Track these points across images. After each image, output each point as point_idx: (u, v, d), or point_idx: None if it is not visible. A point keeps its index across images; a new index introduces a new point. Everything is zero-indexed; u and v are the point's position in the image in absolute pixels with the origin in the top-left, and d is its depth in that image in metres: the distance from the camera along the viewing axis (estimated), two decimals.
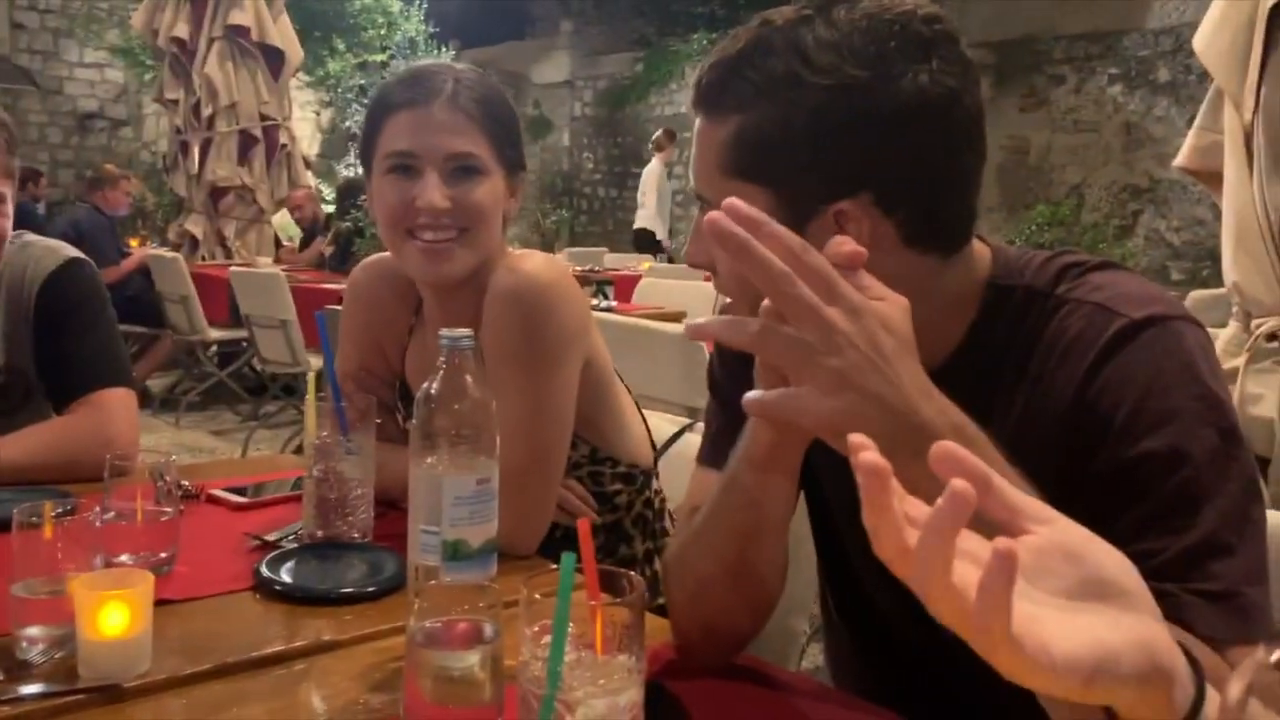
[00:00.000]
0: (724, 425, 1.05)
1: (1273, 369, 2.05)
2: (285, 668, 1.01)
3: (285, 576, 1.19)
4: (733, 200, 0.72)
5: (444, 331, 1.01)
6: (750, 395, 0.78)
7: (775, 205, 0.87)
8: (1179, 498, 0.81)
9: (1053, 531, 0.56)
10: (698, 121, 0.94)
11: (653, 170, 10.25)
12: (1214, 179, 2.25)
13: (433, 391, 1.00)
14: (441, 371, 1.00)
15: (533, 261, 1.41)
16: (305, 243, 7.35)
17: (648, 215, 10.27)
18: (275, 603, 1.15)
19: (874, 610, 1.10)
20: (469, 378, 1.00)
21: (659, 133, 10.51)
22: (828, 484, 1.09)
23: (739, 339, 0.75)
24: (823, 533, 1.16)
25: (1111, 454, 0.84)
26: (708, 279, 1.00)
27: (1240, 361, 2.07)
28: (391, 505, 1.39)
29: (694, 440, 1.73)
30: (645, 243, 10.01)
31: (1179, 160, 2.45)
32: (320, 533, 1.30)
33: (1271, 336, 2.05)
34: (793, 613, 1.42)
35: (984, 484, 0.55)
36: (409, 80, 1.43)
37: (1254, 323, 2.08)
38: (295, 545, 1.29)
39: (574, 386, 1.40)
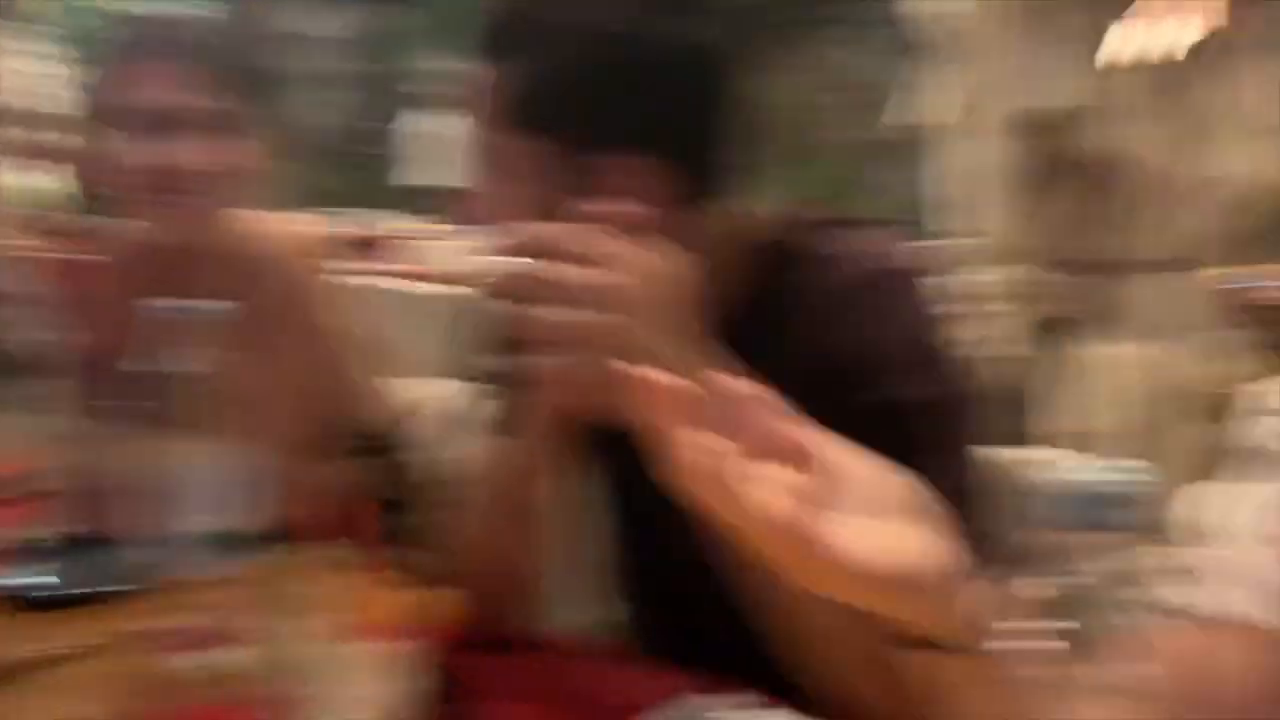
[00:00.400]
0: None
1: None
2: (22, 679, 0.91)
3: (21, 579, 1.07)
4: None
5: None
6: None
7: (557, 158, 0.85)
8: (899, 449, 0.85)
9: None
10: (480, 70, 0.91)
11: None
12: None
13: (156, 367, 0.93)
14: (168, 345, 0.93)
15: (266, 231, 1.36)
16: None
17: None
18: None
19: (666, 588, 1.11)
20: (197, 351, 0.94)
21: None
22: (604, 449, 1.08)
23: None
24: (603, 500, 1.16)
25: (839, 405, 0.87)
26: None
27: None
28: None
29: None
30: None
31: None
32: (57, 529, 1.18)
33: None
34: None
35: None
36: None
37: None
38: (33, 544, 1.17)
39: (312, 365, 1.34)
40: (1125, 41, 3.30)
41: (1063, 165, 3.34)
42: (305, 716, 0.63)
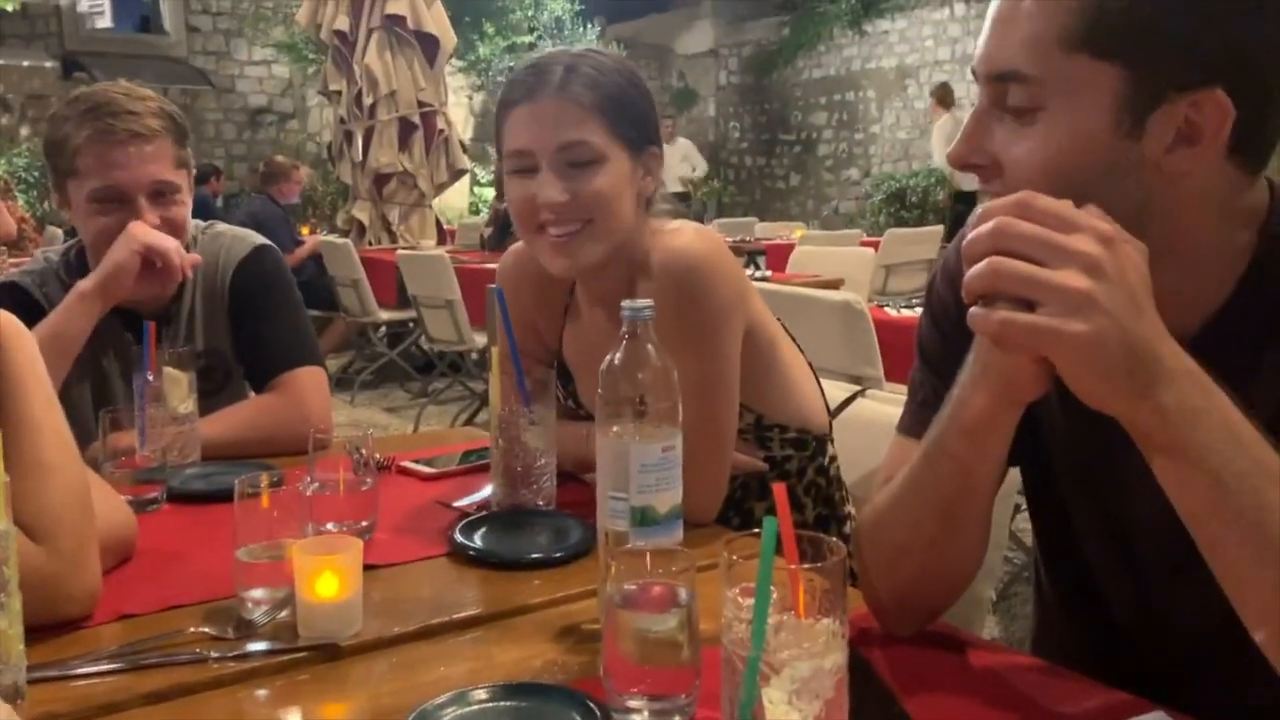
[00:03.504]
0: (931, 393, 1.02)
1: None
2: (483, 629, 1.06)
3: (478, 542, 1.24)
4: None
5: (625, 302, 1.03)
6: (986, 313, 0.76)
7: (1123, 87, 0.81)
8: None
9: None
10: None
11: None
12: None
13: (616, 362, 1.02)
14: (624, 342, 1.02)
15: (684, 236, 1.39)
16: None
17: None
18: (469, 568, 1.20)
19: (1091, 583, 1.06)
20: (650, 347, 1.02)
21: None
22: (1055, 447, 1.05)
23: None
24: (1042, 504, 1.12)
25: None
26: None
27: None
28: (569, 475, 1.43)
29: (865, 406, 1.71)
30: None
31: None
32: (508, 501, 1.34)
33: None
34: (981, 580, 1.38)
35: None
36: (522, 74, 1.41)
37: None
38: (484, 513, 1.34)
39: (737, 356, 1.39)
40: None
41: None
42: (760, 683, 0.67)
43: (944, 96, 10.40)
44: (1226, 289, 0.89)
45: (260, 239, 1.94)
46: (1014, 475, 1.16)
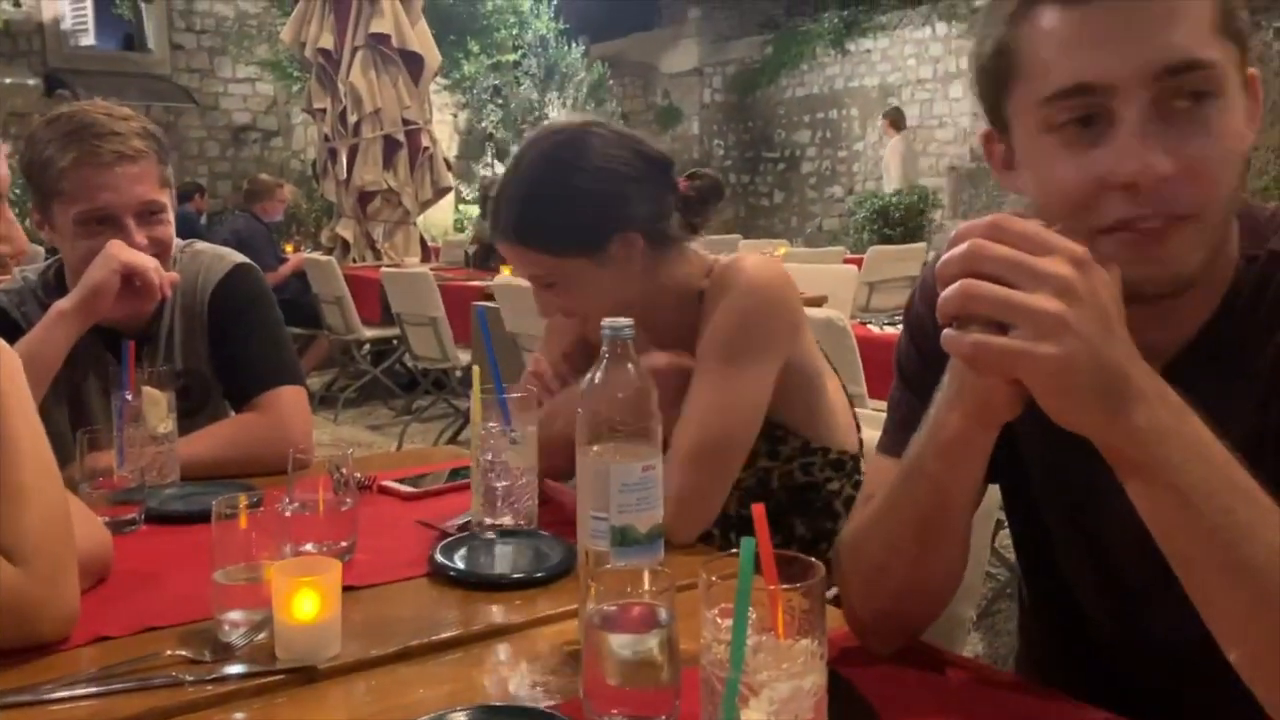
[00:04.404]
0: (909, 413, 1.02)
1: None
2: (463, 651, 1.05)
3: (458, 563, 1.23)
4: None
5: (606, 321, 1.03)
6: (960, 336, 0.76)
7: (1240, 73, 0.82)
8: None
9: None
10: None
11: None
12: None
13: (596, 381, 1.01)
14: (605, 361, 1.01)
15: (751, 262, 1.44)
16: None
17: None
18: (449, 588, 1.19)
19: (1072, 601, 1.06)
20: (631, 366, 1.01)
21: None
22: (1034, 466, 1.05)
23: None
24: (1023, 522, 1.13)
25: None
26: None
27: None
28: (550, 495, 1.43)
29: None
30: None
31: None
32: (488, 520, 1.34)
33: None
34: (961, 599, 1.39)
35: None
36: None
37: None
38: (465, 533, 1.33)
39: (766, 387, 1.41)
40: None
41: None
42: (739, 704, 0.67)
43: (896, 119, 10.70)
44: (1205, 312, 0.90)
45: (239, 257, 1.93)
46: (995, 491, 1.16)
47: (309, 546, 1.21)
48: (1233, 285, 0.89)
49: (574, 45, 14.36)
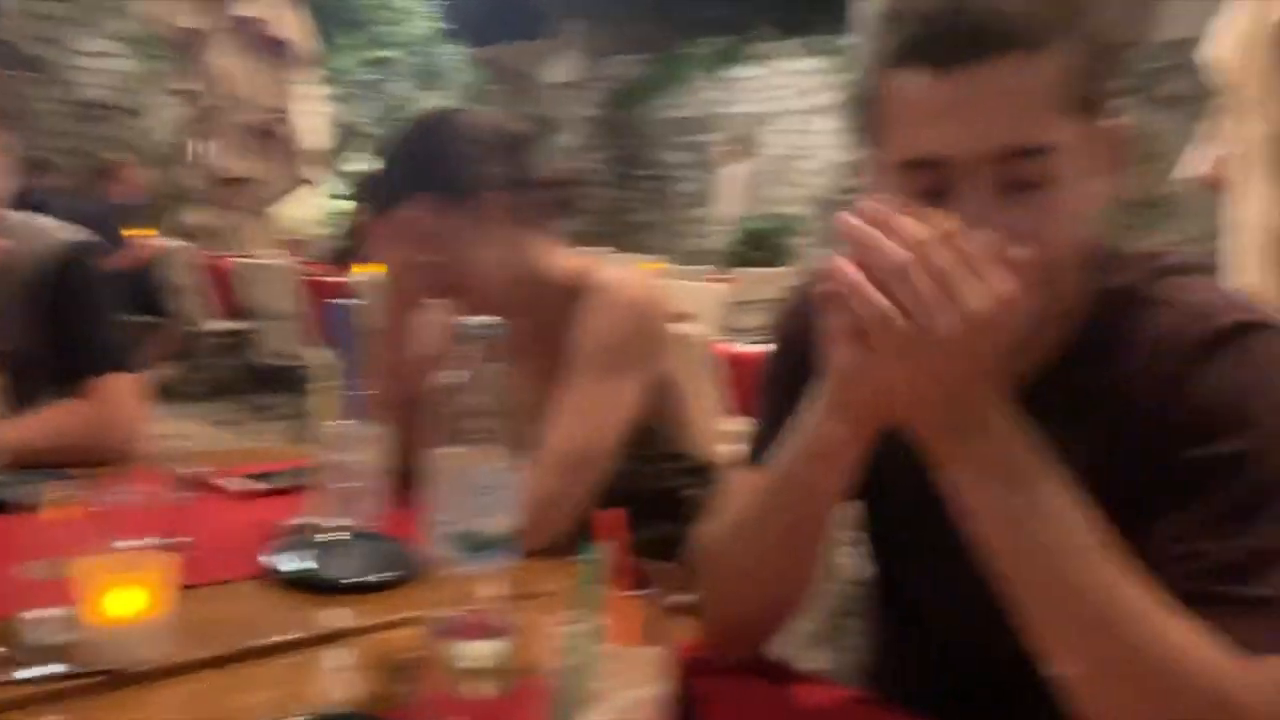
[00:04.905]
0: (774, 426, 1.01)
1: None
2: (294, 655, 0.99)
3: (295, 564, 1.17)
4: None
5: (460, 319, 1.00)
6: (839, 328, 0.76)
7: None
8: (1245, 503, 0.79)
9: None
10: (989, 65, 0.79)
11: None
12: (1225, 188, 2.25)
13: (447, 381, 0.98)
14: (457, 360, 0.98)
15: (627, 276, 1.47)
16: None
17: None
18: (284, 591, 1.14)
19: (918, 611, 1.08)
20: (484, 366, 0.98)
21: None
22: (894, 478, 1.06)
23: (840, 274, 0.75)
24: (878, 534, 1.14)
25: (1186, 452, 0.82)
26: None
27: None
28: (396, 496, 1.38)
29: None
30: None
31: (1189, 171, 2.45)
32: (331, 521, 1.28)
33: None
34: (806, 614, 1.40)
35: None
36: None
37: None
38: (304, 534, 1.27)
39: (635, 398, 1.42)
40: None
41: None
42: (576, 713, 0.65)
43: (746, 145, 10.91)
44: (1059, 345, 0.92)
45: (76, 235, 1.81)
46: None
47: (131, 542, 1.13)
48: (1090, 315, 0.92)
49: (454, 47, 14.19)
